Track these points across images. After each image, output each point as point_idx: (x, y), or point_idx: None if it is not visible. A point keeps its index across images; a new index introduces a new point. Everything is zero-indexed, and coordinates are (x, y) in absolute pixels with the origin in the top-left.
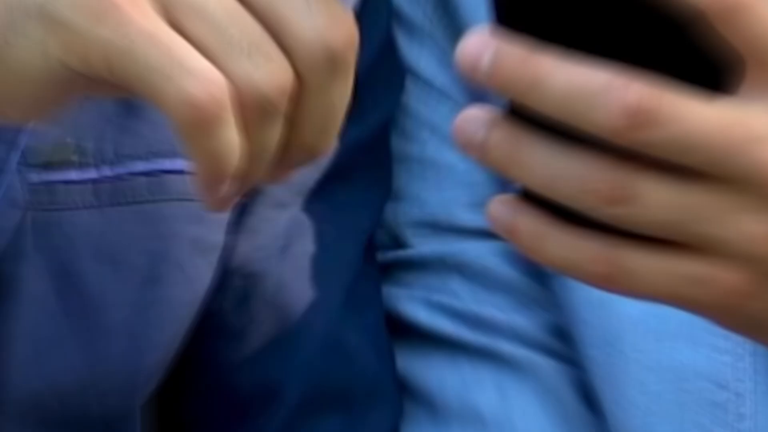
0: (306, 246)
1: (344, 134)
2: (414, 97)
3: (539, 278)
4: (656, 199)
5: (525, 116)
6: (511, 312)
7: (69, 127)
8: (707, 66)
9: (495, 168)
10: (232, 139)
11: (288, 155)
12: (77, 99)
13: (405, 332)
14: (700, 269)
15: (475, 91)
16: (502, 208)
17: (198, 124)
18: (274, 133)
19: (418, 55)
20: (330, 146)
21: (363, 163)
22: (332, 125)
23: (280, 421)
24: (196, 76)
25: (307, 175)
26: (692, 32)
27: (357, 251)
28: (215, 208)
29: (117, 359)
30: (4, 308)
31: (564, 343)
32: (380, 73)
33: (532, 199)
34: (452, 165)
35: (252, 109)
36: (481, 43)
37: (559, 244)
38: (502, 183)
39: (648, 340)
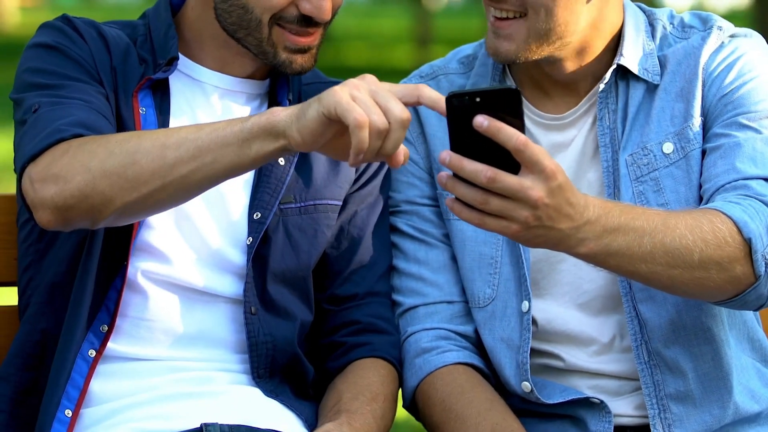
0: (369, 210)
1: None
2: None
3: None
4: (494, 204)
5: (458, 177)
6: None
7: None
8: (514, 163)
9: (448, 190)
10: (367, 136)
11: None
12: (325, 133)
13: (393, 231)
14: (505, 223)
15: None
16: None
17: (357, 128)
18: (389, 141)
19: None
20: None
21: (386, 185)
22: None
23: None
24: (359, 115)
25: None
26: (510, 153)
27: (386, 209)
28: (356, 164)
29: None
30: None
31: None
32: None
33: (458, 200)
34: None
35: (377, 130)
36: (446, 153)
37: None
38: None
39: (471, 242)
